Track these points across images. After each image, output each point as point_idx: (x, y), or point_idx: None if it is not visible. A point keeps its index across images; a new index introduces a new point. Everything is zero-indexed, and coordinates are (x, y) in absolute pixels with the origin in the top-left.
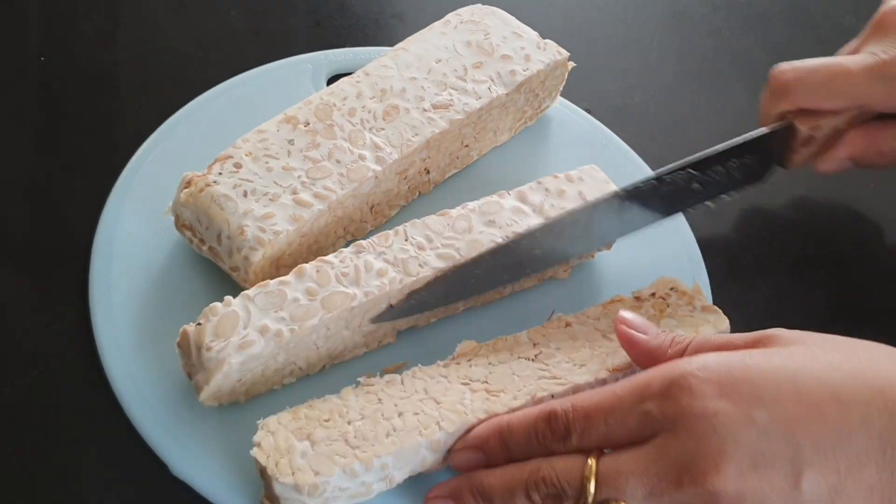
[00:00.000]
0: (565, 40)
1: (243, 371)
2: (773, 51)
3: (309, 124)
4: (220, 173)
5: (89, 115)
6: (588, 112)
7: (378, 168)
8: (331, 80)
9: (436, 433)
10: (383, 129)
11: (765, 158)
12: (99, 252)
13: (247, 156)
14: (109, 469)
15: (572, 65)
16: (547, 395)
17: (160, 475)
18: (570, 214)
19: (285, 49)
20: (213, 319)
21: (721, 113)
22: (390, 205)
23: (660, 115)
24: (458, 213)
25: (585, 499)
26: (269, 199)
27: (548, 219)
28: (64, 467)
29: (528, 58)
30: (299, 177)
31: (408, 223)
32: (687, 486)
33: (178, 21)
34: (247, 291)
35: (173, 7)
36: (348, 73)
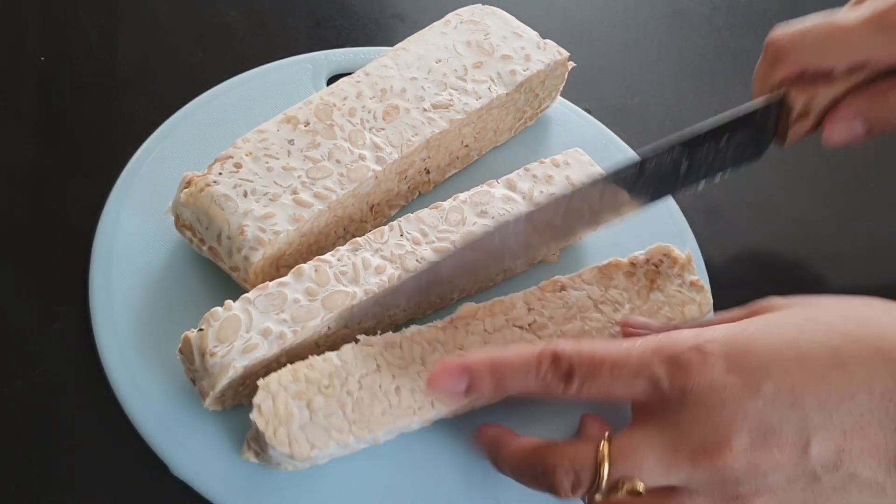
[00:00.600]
0: (565, 40)
1: (247, 374)
2: None
3: (309, 124)
4: (221, 173)
5: (89, 115)
6: (588, 112)
7: (378, 168)
8: (331, 80)
9: (429, 412)
10: (383, 129)
11: (759, 134)
12: (99, 252)
13: (247, 156)
14: (109, 469)
15: (572, 65)
16: None
17: (160, 475)
18: (551, 207)
19: (285, 49)
20: (214, 324)
21: (721, 112)
22: (390, 205)
23: (660, 115)
24: (450, 205)
25: (599, 483)
26: (270, 199)
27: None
28: (64, 467)
29: (528, 58)
30: (299, 177)
31: (401, 218)
32: (701, 463)
33: (178, 21)
34: (247, 294)
35: (173, 7)
36: (348, 73)
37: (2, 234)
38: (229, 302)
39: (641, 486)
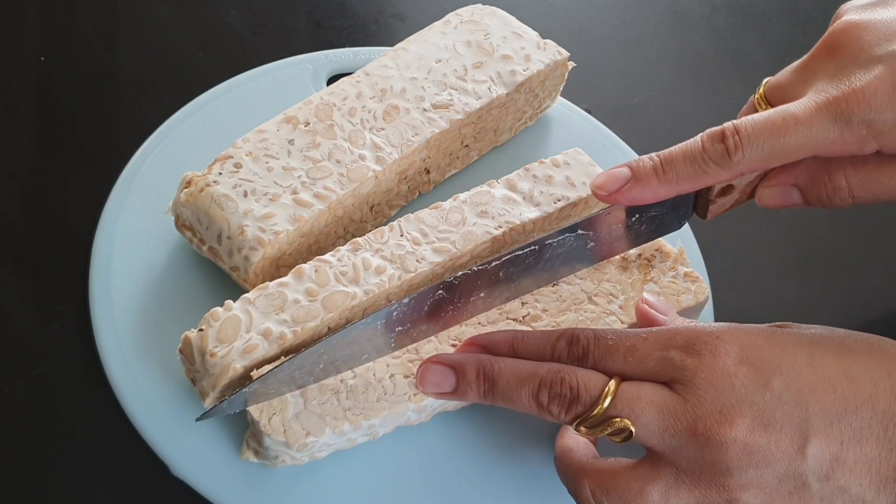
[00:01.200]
0: (565, 40)
1: (247, 374)
2: (773, 51)
3: (309, 124)
4: (221, 173)
5: (89, 115)
6: (588, 112)
7: (378, 168)
8: (331, 80)
9: (425, 399)
10: (383, 129)
11: (677, 210)
12: (99, 252)
13: (247, 156)
14: (109, 469)
15: (572, 65)
16: None
17: (160, 475)
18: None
19: (285, 49)
20: (214, 325)
21: (721, 113)
22: (390, 205)
23: (660, 115)
24: (450, 205)
25: (597, 412)
26: (270, 199)
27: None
28: (64, 467)
29: (529, 58)
30: (299, 177)
31: (402, 218)
32: (699, 435)
33: (178, 21)
34: (247, 295)
35: (173, 7)
36: (348, 73)
37: (2, 233)
38: (229, 302)
39: (633, 429)
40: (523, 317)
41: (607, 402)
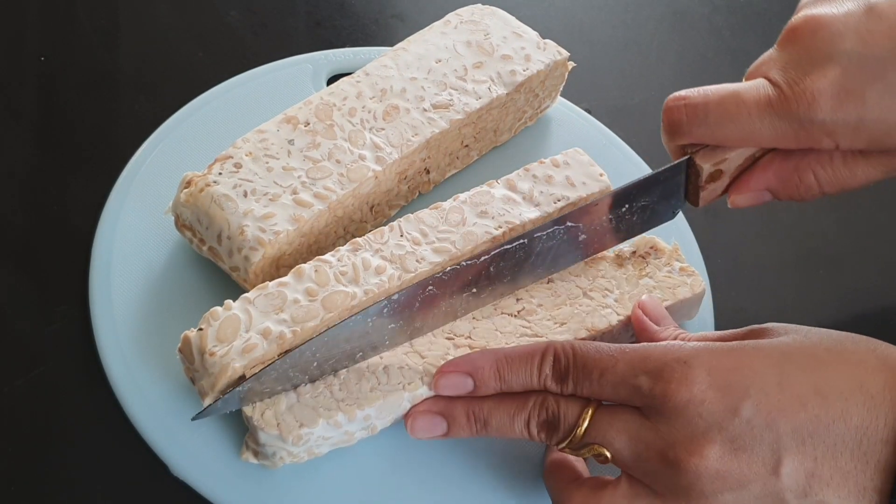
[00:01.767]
0: (565, 40)
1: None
2: None
3: (309, 124)
4: (220, 173)
5: (89, 115)
6: (588, 112)
7: (378, 168)
8: (331, 80)
9: (419, 388)
10: (383, 129)
11: (669, 198)
12: (99, 252)
13: (247, 156)
14: (109, 469)
15: (572, 65)
16: None
17: (160, 475)
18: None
19: (285, 49)
20: (214, 324)
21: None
22: (390, 205)
23: (660, 115)
24: (450, 205)
25: (573, 437)
26: (270, 200)
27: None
28: (64, 467)
29: (529, 58)
30: (299, 177)
31: (401, 218)
32: (671, 462)
33: (178, 21)
34: (246, 294)
35: (173, 7)
36: (348, 73)
37: (2, 233)
38: (229, 302)
39: (608, 454)
40: (518, 311)
41: (583, 429)
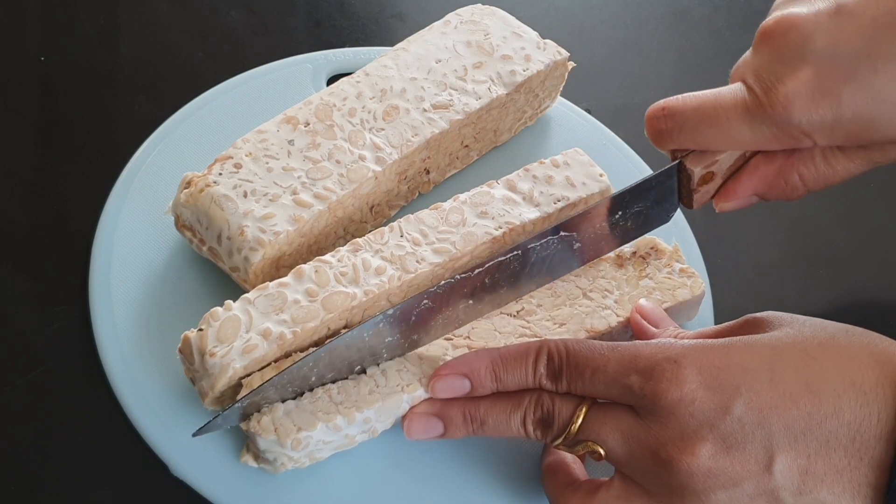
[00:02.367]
0: (565, 40)
1: (246, 374)
2: None
3: (309, 124)
4: (220, 174)
5: (89, 115)
6: (588, 112)
7: (378, 168)
8: (331, 80)
9: (417, 389)
10: (383, 129)
11: (662, 202)
12: (99, 252)
13: (247, 156)
14: (109, 469)
15: (572, 65)
16: None
17: (160, 475)
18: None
19: (285, 49)
20: (214, 325)
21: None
22: (390, 205)
23: None
24: (450, 205)
25: (567, 434)
26: (270, 200)
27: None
28: (64, 467)
29: (529, 58)
30: (299, 177)
31: (402, 219)
32: (663, 461)
33: (178, 21)
34: (246, 295)
35: (173, 7)
36: (348, 73)
37: (2, 233)
38: (229, 302)
39: (602, 451)
40: (517, 312)
41: (577, 426)
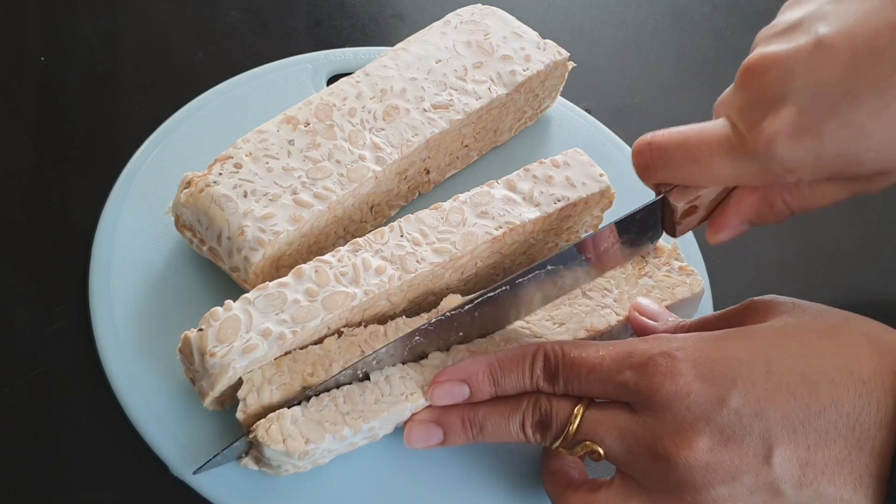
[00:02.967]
0: (565, 40)
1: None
2: None
3: (309, 124)
4: (221, 173)
5: (89, 115)
6: (588, 112)
7: (378, 168)
8: (331, 80)
9: (421, 398)
10: (383, 129)
11: (646, 231)
12: (99, 252)
13: (247, 156)
14: (109, 469)
15: (572, 65)
16: None
17: (160, 475)
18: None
19: (285, 49)
20: (214, 324)
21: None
22: (390, 205)
23: (660, 115)
24: (450, 205)
25: (566, 435)
26: (270, 200)
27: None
28: (64, 467)
29: (529, 58)
30: (299, 177)
31: (402, 219)
32: (660, 456)
33: (178, 21)
34: (246, 295)
35: (173, 7)
36: (348, 73)
37: (2, 233)
38: (229, 302)
39: (601, 451)
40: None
41: (574, 427)
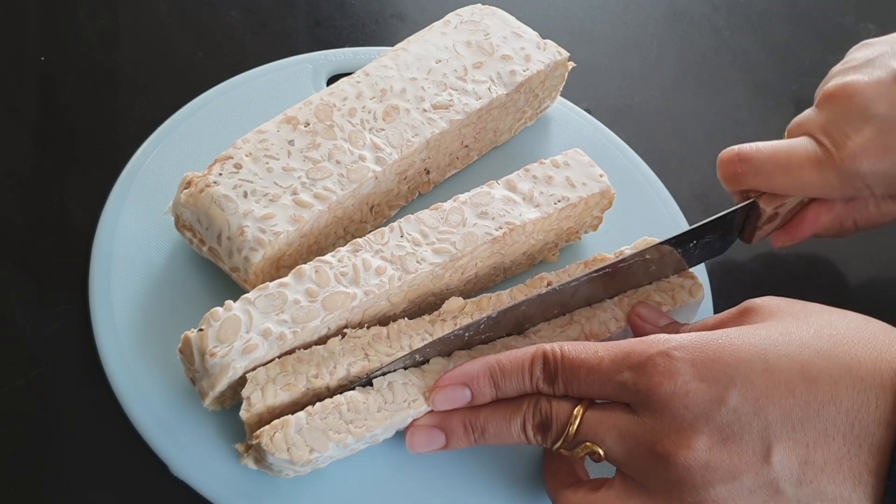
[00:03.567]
0: (565, 40)
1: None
2: (773, 51)
3: (309, 125)
4: (221, 174)
5: (89, 115)
6: (588, 112)
7: (378, 169)
8: (331, 80)
9: (423, 405)
10: (383, 129)
11: (727, 235)
12: (99, 252)
13: (247, 156)
14: (109, 469)
15: (572, 65)
16: None
17: (160, 475)
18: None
19: (285, 49)
20: (214, 325)
21: (721, 113)
22: (390, 205)
23: (660, 115)
24: (450, 206)
25: (566, 437)
26: (270, 200)
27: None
28: (64, 467)
29: (529, 58)
30: (299, 177)
31: (402, 219)
32: (660, 456)
33: (178, 21)
34: (247, 295)
35: (173, 7)
36: (348, 73)
37: (2, 233)
38: (229, 302)
39: (601, 451)
40: None
41: (574, 428)
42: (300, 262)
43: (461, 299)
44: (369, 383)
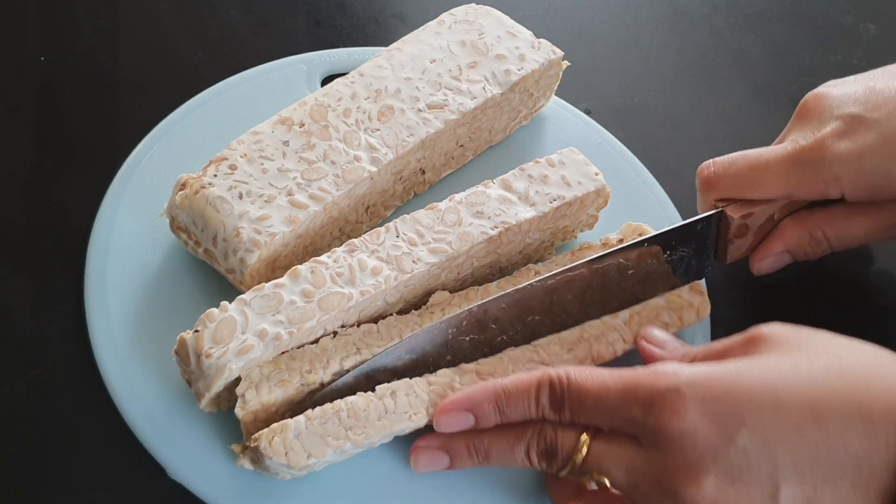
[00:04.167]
0: (565, 40)
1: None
2: (773, 51)
3: (304, 125)
4: (216, 175)
5: (89, 114)
6: (588, 113)
7: (373, 169)
8: (325, 80)
9: (424, 419)
10: (378, 129)
11: (701, 251)
12: (94, 254)
13: (242, 157)
14: (107, 470)
15: (567, 64)
16: None
17: (157, 476)
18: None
19: (285, 49)
20: (210, 326)
21: (721, 113)
22: (386, 205)
23: (660, 115)
24: (446, 205)
25: (572, 466)
26: (265, 201)
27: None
28: (62, 469)
29: (523, 57)
30: (294, 178)
31: (398, 219)
32: (668, 491)
33: (177, 21)
34: (242, 296)
35: (173, 7)
36: (343, 74)
37: (1, 233)
38: (225, 303)
39: (606, 482)
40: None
41: (581, 458)
42: (296, 263)
43: (447, 292)
44: (371, 385)
